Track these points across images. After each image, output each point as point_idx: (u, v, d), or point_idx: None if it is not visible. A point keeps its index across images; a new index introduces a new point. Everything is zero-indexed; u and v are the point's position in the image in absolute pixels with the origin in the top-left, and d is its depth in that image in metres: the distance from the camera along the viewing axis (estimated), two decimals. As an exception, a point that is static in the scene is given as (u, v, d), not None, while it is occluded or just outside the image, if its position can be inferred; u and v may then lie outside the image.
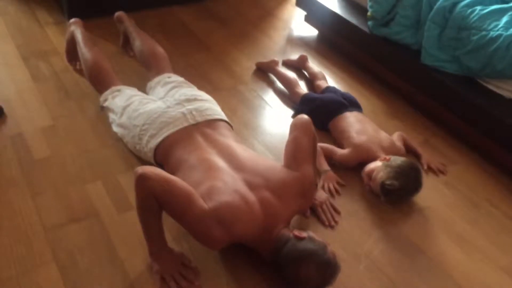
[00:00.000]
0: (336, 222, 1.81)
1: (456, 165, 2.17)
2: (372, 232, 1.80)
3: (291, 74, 2.58)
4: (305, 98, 2.35)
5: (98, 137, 2.10)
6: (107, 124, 2.14)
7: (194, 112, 1.88)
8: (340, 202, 1.90)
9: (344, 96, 2.29)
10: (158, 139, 1.82)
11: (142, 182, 1.44)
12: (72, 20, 2.46)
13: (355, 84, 2.67)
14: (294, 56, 2.81)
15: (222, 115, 1.97)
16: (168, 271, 1.52)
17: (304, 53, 2.78)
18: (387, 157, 1.92)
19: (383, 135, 2.11)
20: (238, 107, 2.39)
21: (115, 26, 2.65)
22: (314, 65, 2.69)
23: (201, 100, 1.98)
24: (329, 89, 2.41)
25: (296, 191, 1.62)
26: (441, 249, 1.76)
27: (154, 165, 1.83)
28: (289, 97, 2.48)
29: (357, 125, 2.12)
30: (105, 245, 1.64)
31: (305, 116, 1.76)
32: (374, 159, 1.95)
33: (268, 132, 2.26)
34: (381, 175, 1.85)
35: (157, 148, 1.82)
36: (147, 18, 3.07)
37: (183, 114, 1.86)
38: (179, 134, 1.81)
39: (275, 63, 2.66)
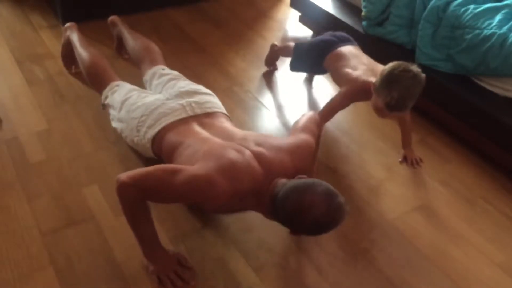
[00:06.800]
0: None
1: (451, 163, 2.18)
2: (368, 231, 1.81)
3: (289, 44, 2.56)
4: (296, 46, 2.35)
5: (94, 140, 2.10)
6: (103, 127, 2.13)
7: (193, 104, 1.86)
8: (337, 202, 1.91)
9: (335, 34, 2.25)
10: (156, 129, 1.79)
11: (121, 190, 1.43)
12: (67, 24, 2.46)
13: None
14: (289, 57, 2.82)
15: (222, 108, 1.95)
16: (164, 271, 1.53)
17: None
18: (371, 81, 1.84)
19: (379, 66, 2.00)
20: (234, 108, 2.39)
21: (110, 29, 2.65)
22: None
23: (202, 93, 1.96)
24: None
25: (291, 150, 1.58)
26: (437, 247, 1.77)
27: (152, 157, 1.84)
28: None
29: (353, 61, 2.06)
30: (102, 249, 1.64)
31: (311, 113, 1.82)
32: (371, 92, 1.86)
33: (264, 133, 2.26)
34: (381, 101, 1.77)
35: (155, 138, 1.80)
36: (142, 21, 3.07)
37: (182, 105, 1.85)
38: (177, 123, 1.79)
39: (274, 45, 2.65)
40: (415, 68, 1.78)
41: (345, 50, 2.13)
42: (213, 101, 1.95)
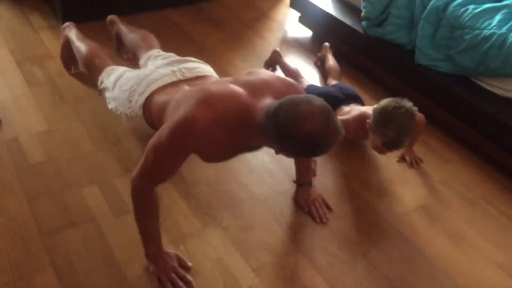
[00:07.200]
0: (327, 219, 1.82)
1: (451, 164, 2.18)
2: (368, 231, 1.81)
3: (294, 67, 2.58)
4: (307, 90, 2.37)
5: (94, 141, 2.10)
6: (103, 128, 2.13)
7: (183, 70, 1.85)
8: (337, 202, 1.91)
9: (342, 90, 2.29)
10: (146, 94, 1.77)
11: (134, 186, 1.47)
12: (65, 24, 2.47)
13: (350, 84, 2.67)
14: (289, 57, 2.82)
15: (215, 74, 1.93)
16: (164, 272, 1.53)
17: (300, 54, 2.78)
18: (367, 124, 1.93)
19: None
20: (234, 109, 2.39)
21: (108, 29, 2.65)
22: (331, 58, 2.68)
23: (193, 61, 1.95)
24: (334, 86, 2.40)
25: (283, 79, 1.59)
26: (438, 247, 1.77)
27: (147, 128, 1.81)
28: None
29: (352, 112, 2.12)
30: (102, 249, 1.64)
31: None
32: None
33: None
34: (378, 140, 1.88)
35: (145, 103, 1.77)
36: (141, 21, 3.07)
37: (173, 71, 1.83)
38: (166, 86, 1.77)
39: (277, 54, 2.66)
40: (406, 102, 1.87)
41: (347, 107, 2.20)
42: (205, 68, 1.94)
